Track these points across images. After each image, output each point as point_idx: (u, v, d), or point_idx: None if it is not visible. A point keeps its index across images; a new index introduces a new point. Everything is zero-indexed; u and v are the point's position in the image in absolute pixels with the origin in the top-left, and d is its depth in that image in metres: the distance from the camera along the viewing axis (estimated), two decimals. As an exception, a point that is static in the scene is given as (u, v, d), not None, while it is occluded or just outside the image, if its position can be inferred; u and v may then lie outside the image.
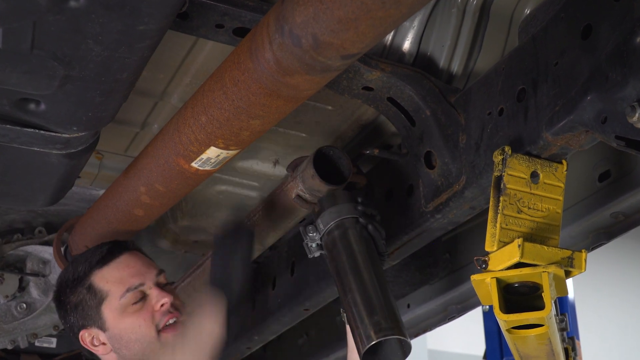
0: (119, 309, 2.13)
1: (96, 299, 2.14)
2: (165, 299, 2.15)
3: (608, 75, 1.49)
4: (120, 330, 2.12)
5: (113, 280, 2.16)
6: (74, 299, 2.16)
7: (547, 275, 1.61)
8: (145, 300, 2.15)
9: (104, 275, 2.16)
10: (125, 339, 2.12)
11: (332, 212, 1.99)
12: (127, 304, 2.13)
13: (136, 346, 2.11)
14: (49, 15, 1.39)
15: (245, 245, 2.12)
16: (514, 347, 1.76)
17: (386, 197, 2.19)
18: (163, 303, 2.14)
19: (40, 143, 1.80)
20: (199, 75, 2.23)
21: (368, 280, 1.90)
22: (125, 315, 2.13)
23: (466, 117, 1.90)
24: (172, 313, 2.15)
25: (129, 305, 2.13)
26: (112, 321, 2.13)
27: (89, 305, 2.14)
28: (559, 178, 1.72)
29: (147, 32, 1.46)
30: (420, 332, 2.82)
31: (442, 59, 2.08)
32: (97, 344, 2.15)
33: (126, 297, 2.13)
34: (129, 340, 2.11)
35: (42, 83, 1.58)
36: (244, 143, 1.92)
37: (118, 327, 2.13)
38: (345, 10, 1.42)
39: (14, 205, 2.33)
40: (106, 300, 2.14)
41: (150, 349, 2.11)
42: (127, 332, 2.12)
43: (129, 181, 2.23)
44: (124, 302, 2.13)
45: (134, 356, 2.12)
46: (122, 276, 2.16)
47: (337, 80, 1.95)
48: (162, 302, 2.14)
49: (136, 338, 2.11)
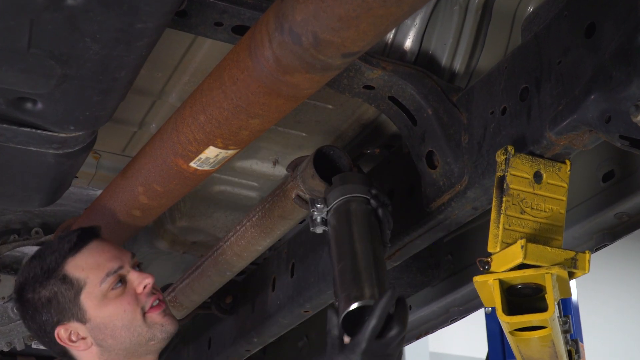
0: (99, 296, 2.00)
1: (73, 289, 2.00)
2: (148, 279, 2.03)
3: (612, 74, 1.48)
4: (104, 318, 2.00)
5: (89, 267, 2.02)
6: (45, 293, 2.01)
7: (550, 277, 1.60)
8: (125, 285, 2.03)
9: (78, 263, 2.02)
10: (110, 327, 2.00)
11: (345, 188, 1.92)
12: (108, 289, 2.00)
13: (123, 333, 2.00)
14: (46, 14, 1.38)
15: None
16: (517, 350, 1.75)
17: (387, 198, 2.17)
18: (146, 284, 2.02)
19: (37, 143, 1.79)
20: (197, 73, 2.22)
21: (363, 253, 1.82)
22: (106, 301, 2.00)
23: (468, 117, 1.89)
24: (155, 294, 2.05)
25: (110, 291, 2.00)
26: (93, 310, 2.00)
27: (65, 297, 2.00)
28: (563, 178, 1.71)
29: (145, 30, 1.45)
30: (422, 335, 2.81)
31: (444, 58, 2.07)
32: (76, 339, 2.01)
33: (106, 282, 2.00)
34: (114, 328, 2.00)
35: (39, 82, 1.57)
36: (243, 142, 1.91)
37: (100, 315, 2.00)
38: (345, 8, 1.41)
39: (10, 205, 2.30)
40: (84, 288, 2.00)
41: (137, 333, 2.00)
42: (111, 319, 2.00)
43: (126, 181, 2.22)
44: (105, 287, 2.00)
45: (120, 345, 2.00)
46: (99, 261, 2.03)
47: (338, 78, 1.94)
48: (144, 284, 2.02)
49: (122, 324, 2.00)
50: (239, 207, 2.74)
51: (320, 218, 1.94)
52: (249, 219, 2.38)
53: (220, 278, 2.71)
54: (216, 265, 2.62)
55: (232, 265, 2.59)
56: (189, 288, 2.80)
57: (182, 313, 3.01)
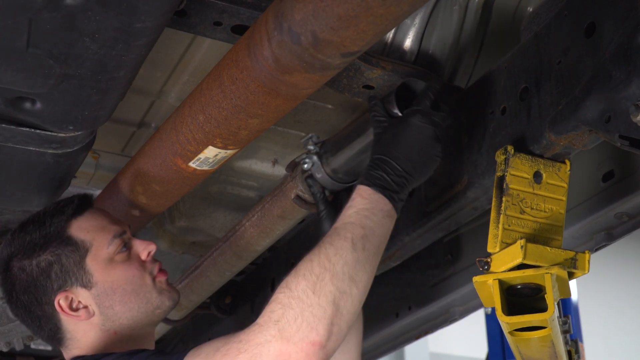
0: (105, 259, 1.91)
1: (78, 252, 1.90)
2: (152, 246, 1.98)
3: (612, 74, 1.47)
4: (112, 282, 1.90)
5: (95, 229, 1.94)
6: (47, 257, 1.90)
7: (550, 277, 1.59)
8: (130, 251, 1.96)
9: (82, 225, 1.94)
10: (119, 292, 1.90)
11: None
12: (115, 252, 1.92)
13: (132, 298, 1.91)
14: (44, 13, 1.38)
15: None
16: (517, 350, 1.74)
17: (387, 198, 2.17)
18: (150, 251, 1.98)
19: (35, 142, 1.78)
20: (196, 73, 2.21)
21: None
22: (113, 265, 1.92)
23: (468, 116, 1.89)
24: (158, 261, 2.00)
25: (116, 255, 1.93)
26: (99, 274, 1.90)
27: (70, 260, 1.90)
28: (562, 178, 1.71)
29: (144, 29, 1.45)
30: (422, 335, 2.80)
31: (444, 57, 2.06)
32: (78, 308, 1.90)
33: (113, 244, 1.92)
34: (123, 293, 1.90)
35: (37, 81, 1.57)
36: (243, 142, 1.90)
37: (108, 280, 1.90)
38: (345, 8, 1.41)
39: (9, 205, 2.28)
40: (90, 251, 1.91)
41: (147, 299, 1.93)
42: (120, 283, 1.91)
43: (125, 181, 2.21)
44: (112, 250, 1.92)
45: (127, 312, 1.91)
46: (103, 224, 1.96)
47: (337, 78, 1.94)
48: (149, 250, 1.97)
49: (132, 289, 1.91)
50: (238, 207, 2.73)
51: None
52: (248, 219, 2.38)
53: (220, 278, 2.70)
54: (215, 266, 2.62)
55: (231, 266, 2.58)
56: (188, 288, 2.80)
57: (181, 313, 3.01)
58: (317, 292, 1.56)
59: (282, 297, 1.58)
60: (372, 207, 1.68)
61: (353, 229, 1.64)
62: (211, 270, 2.66)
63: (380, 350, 3.02)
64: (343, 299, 1.57)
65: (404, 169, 1.72)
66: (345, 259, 1.60)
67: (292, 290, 1.57)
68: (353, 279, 1.59)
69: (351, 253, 1.61)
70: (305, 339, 1.53)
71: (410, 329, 2.80)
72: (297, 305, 1.55)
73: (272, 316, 1.56)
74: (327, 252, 1.61)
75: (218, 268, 2.62)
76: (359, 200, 1.70)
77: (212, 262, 2.62)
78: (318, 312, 1.54)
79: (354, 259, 1.61)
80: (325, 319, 1.54)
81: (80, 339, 1.92)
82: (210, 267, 2.65)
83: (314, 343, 1.53)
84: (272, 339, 1.54)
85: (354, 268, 1.60)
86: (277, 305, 1.57)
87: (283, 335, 1.53)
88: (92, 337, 1.92)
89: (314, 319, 1.54)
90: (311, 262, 1.61)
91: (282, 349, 1.53)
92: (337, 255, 1.60)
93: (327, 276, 1.57)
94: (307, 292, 1.56)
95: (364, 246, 1.63)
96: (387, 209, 1.69)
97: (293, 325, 1.53)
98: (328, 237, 1.65)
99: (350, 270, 1.60)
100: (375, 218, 1.67)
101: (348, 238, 1.63)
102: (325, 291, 1.56)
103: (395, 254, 2.19)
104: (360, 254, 1.62)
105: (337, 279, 1.58)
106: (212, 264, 2.63)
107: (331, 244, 1.62)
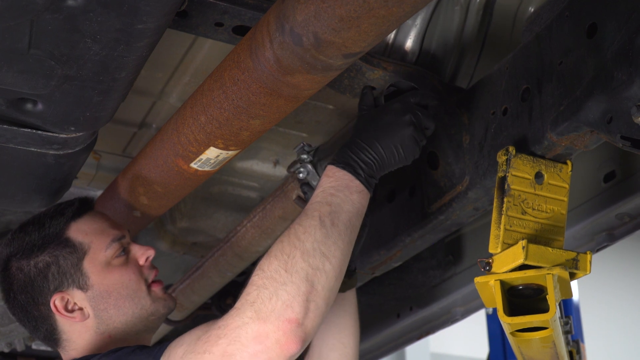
0: (103, 262, 1.93)
1: (76, 253, 1.92)
2: (150, 251, 1.99)
3: (613, 75, 1.47)
4: (108, 286, 1.91)
5: (93, 232, 1.95)
6: (45, 258, 1.91)
7: (551, 278, 1.59)
8: (128, 255, 1.97)
9: (81, 228, 1.95)
10: (114, 295, 1.91)
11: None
12: (112, 256, 1.93)
13: (127, 303, 1.92)
14: (46, 14, 1.37)
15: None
16: (518, 350, 1.74)
17: (388, 198, 2.17)
18: (148, 256, 1.99)
19: (37, 143, 1.78)
20: (198, 74, 2.21)
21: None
22: (110, 269, 1.93)
23: (470, 117, 1.88)
24: (155, 268, 2.01)
25: (114, 258, 1.94)
26: (96, 277, 1.91)
27: (67, 261, 1.91)
28: (564, 179, 1.71)
29: (146, 30, 1.44)
30: (424, 335, 2.81)
31: (445, 58, 2.06)
32: (73, 309, 1.90)
33: (112, 248, 1.93)
34: (118, 297, 1.91)
35: (39, 82, 1.56)
36: (244, 143, 1.90)
37: (104, 283, 1.91)
38: (347, 9, 1.41)
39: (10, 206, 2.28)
40: (88, 254, 1.92)
41: (141, 305, 1.93)
42: (115, 287, 1.92)
43: (126, 182, 2.21)
44: (110, 253, 1.93)
45: (121, 316, 1.92)
46: (103, 227, 1.97)
47: (339, 79, 1.94)
48: (147, 255, 1.99)
49: (127, 294, 1.92)
50: (240, 207, 2.73)
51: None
52: (250, 220, 2.38)
53: (221, 279, 2.70)
54: (217, 266, 2.62)
55: (232, 266, 2.58)
56: (189, 289, 2.80)
57: (182, 314, 3.01)
58: (289, 269, 1.57)
59: (256, 279, 1.59)
60: (337, 184, 1.70)
61: (320, 207, 1.66)
62: (212, 271, 2.66)
63: (382, 350, 3.02)
64: (317, 275, 1.58)
65: (371, 147, 1.73)
66: (314, 236, 1.61)
67: (264, 271, 1.58)
68: (325, 255, 1.60)
69: (319, 230, 1.62)
70: (281, 317, 1.53)
71: (412, 330, 2.80)
72: (271, 284, 1.56)
73: (248, 298, 1.57)
74: (296, 231, 1.62)
75: (219, 269, 2.62)
76: (324, 180, 1.72)
77: (213, 262, 2.62)
78: (292, 290, 1.55)
79: (323, 234, 1.62)
80: (300, 296, 1.55)
81: (75, 340, 1.93)
82: (212, 268, 2.65)
83: (290, 320, 1.53)
84: (249, 321, 1.55)
85: (325, 244, 1.61)
86: (252, 287, 1.58)
87: (259, 316, 1.54)
88: (87, 339, 1.93)
89: (288, 296, 1.55)
90: (281, 242, 1.62)
91: (259, 329, 1.53)
92: (305, 233, 1.62)
93: (297, 254, 1.59)
94: (279, 271, 1.57)
95: (333, 222, 1.64)
96: (354, 185, 1.70)
97: (268, 305, 1.54)
98: (297, 218, 1.66)
99: (320, 246, 1.61)
100: (341, 194, 1.68)
101: (315, 216, 1.64)
102: (297, 268, 1.57)
103: (396, 254, 2.19)
104: (329, 230, 1.63)
105: (308, 255, 1.59)
106: (213, 264, 2.63)
107: (299, 224, 1.64)
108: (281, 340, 1.53)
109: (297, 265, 1.58)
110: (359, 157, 1.72)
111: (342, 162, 1.72)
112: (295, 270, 1.57)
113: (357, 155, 1.72)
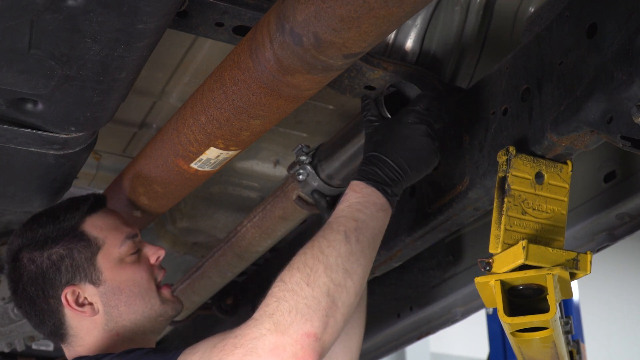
0: (116, 258, 1.93)
1: (90, 248, 1.92)
2: (161, 251, 2.00)
3: (614, 75, 1.47)
4: (120, 282, 1.92)
5: (108, 228, 1.96)
6: (59, 250, 1.91)
7: (551, 278, 1.59)
8: (140, 254, 1.98)
9: (96, 223, 1.96)
10: (125, 292, 1.92)
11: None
12: (126, 252, 1.94)
13: (138, 301, 1.92)
14: (46, 14, 1.37)
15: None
16: (518, 350, 1.74)
17: (388, 198, 2.17)
18: (159, 256, 2.00)
19: (37, 143, 1.78)
20: (198, 74, 2.21)
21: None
22: (123, 265, 1.93)
23: (470, 117, 1.88)
24: (163, 269, 2.02)
25: (127, 256, 1.95)
26: (109, 272, 1.91)
27: (81, 255, 1.91)
28: (564, 179, 1.71)
29: (146, 30, 1.44)
30: (424, 335, 2.80)
31: (445, 58, 2.06)
32: (84, 304, 1.90)
33: (126, 245, 1.94)
34: (130, 294, 1.92)
35: (39, 83, 1.56)
36: (244, 143, 1.90)
37: (117, 279, 1.92)
38: (347, 9, 1.41)
39: (10, 206, 2.28)
40: (102, 249, 1.93)
41: (150, 305, 1.94)
42: (128, 284, 1.92)
43: (127, 182, 2.21)
44: (124, 250, 1.94)
45: (131, 314, 1.92)
46: (117, 224, 1.98)
47: (339, 79, 1.94)
48: (158, 255, 2.00)
49: (139, 292, 1.92)
50: (240, 207, 2.73)
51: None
52: (250, 220, 2.38)
53: (221, 279, 2.70)
54: (217, 266, 2.62)
55: (232, 266, 2.58)
56: (190, 289, 2.80)
57: (182, 314, 3.00)
58: (311, 284, 1.55)
59: (276, 290, 1.57)
60: (364, 200, 1.68)
61: (345, 222, 1.64)
62: (212, 271, 2.65)
63: (382, 350, 3.02)
64: (338, 291, 1.56)
65: (397, 164, 1.72)
66: (338, 251, 1.60)
67: (286, 283, 1.57)
68: (347, 271, 1.59)
69: (344, 245, 1.61)
70: (300, 331, 1.52)
71: (412, 330, 2.80)
72: (291, 297, 1.55)
73: (267, 310, 1.56)
74: (320, 244, 1.61)
75: (219, 269, 2.62)
76: (351, 195, 1.70)
77: (213, 262, 2.62)
78: (312, 304, 1.54)
79: (347, 251, 1.60)
80: (320, 311, 1.54)
81: (83, 337, 1.93)
82: (212, 268, 2.64)
83: (309, 334, 1.52)
84: (267, 332, 1.53)
85: (348, 260, 1.59)
86: (271, 299, 1.57)
87: (278, 328, 1.53)
88: (95, 336, 1.92)
89: (308, 310, 1.53)
90: (304, 255, 1.60)
91: (277, 341, 1.52)
92: (330, 247, 1.60)
93: (320, 268, 1.57)
94: (300, 284, 1.55)
95: (358, 238, 1.63)
96: (380, 202, 1.69)
97: (287, 318, 1.53)
98: (321, 231, 1.65)
99: (344, 262, 1.59)
100: (368, 211, 1.67)
101: (341, 231, 1.62)
102: (319, 283, 1.56)
103: (396, 254, 2.19)
104: (353, 246, 1.61)
105: (331, 270, 1.57)
106: (213, 264, 2.63)
107: (324, 237, 1.62)
108: (298, 354, 1.51)
109: (319, 280, 1.56)
110: (385, 174, 1.71)
111: (369, 178, 1.71)
112: (317, 285, 1.55)
113: (383, 171, 1.71)
